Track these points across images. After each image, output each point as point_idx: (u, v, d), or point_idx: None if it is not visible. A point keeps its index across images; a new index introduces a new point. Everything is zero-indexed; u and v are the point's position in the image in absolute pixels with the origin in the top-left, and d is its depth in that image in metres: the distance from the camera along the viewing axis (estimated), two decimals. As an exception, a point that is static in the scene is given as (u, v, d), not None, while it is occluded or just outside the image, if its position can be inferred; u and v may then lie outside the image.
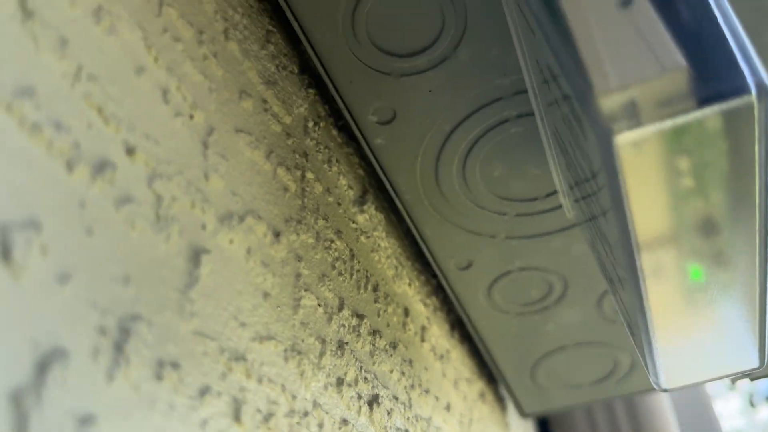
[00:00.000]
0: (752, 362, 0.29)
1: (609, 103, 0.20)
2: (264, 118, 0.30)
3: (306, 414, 0.25)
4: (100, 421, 0.16)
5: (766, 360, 0.29)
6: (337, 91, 0.35)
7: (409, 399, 0.38)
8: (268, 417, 0.23)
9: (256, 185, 0.27)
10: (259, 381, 0.23)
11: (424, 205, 0.42)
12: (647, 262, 0.25)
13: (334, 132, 0.39)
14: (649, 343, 0.28)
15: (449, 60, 0.35)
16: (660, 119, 0.20)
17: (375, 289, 0.38)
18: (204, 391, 0.20)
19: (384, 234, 0.42)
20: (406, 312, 0.42)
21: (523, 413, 0.61)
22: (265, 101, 0.30)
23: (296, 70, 0.35)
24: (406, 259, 0.46)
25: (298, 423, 0.24)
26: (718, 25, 0.21)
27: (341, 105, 0.36)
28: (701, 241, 0.24)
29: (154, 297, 0.19)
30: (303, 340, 0.27)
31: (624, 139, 0.20)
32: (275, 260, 0.27)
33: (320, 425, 0.26)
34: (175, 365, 0.19)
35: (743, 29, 0.20)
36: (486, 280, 0.48)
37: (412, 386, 0.39)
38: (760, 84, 0.19)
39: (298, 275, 0.28)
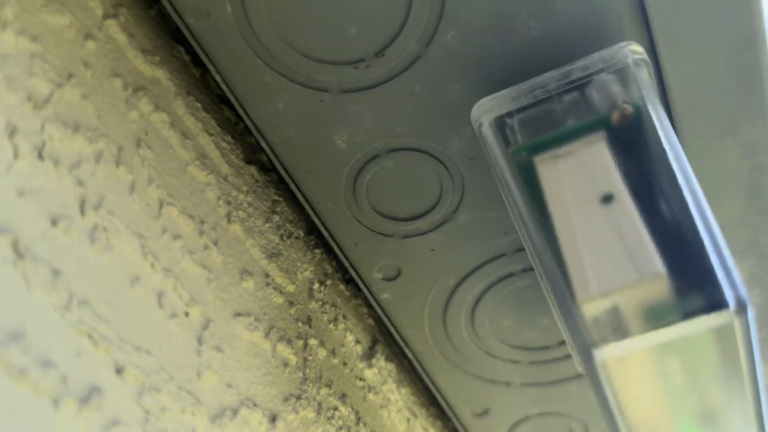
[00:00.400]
0: None
1: (590, 311, 0.21)
2: (265, 293, 0.30)
3: None
4: None
5: None
6: (342, 252, 0.36)
7: None
8: None
9: (253, 368, 0.27)
10: None
11: (434, 354, 0.42)
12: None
13: (342, 287, 0.39)
14: None
15: (449, 222, 0.35)
16: (642, 332, 0.20)
17: (383, 448, 0.37)
18: None
19: (395, 385, 0.42)
20: (419, 466, 0.41)
21: None
22: (267, 275, 0.31)
23: (302, 234, 0.36)
24: (420, 406, 0.45)
25: None
26: (697, 233, 0.21)
27: (347, 264, 0.37)
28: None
29: None
30: None
31: (605, 353, 0.20)
32: (271, 446, 0.26)
33: None
34: None
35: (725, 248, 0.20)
36: (504, 426, 0.46)
37: None
38: (738, 299, 0.19)
39: (297, 457, 0.28)
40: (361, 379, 0.38)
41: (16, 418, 0.16)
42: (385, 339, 0.43)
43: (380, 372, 0.40)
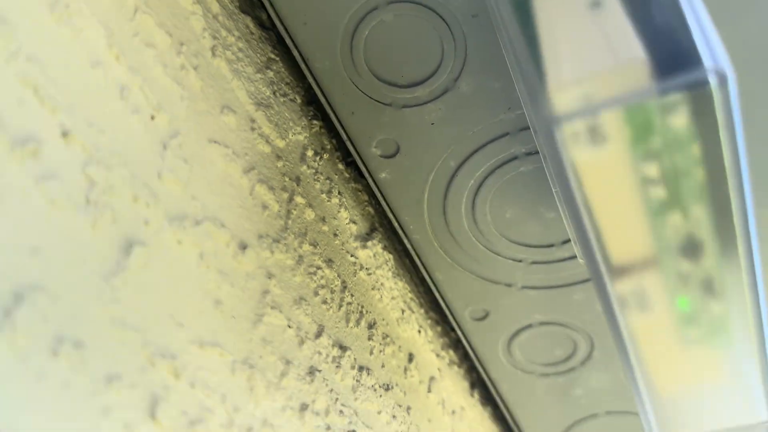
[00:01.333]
0: (760, 413, 0.25)
1: (560, 97, 0.19)
2: (249, 136, 0.30)
3: (250, 429, 0.24)
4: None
5: (777, 415, 0.25)
6: (339, 122, 0.35)
7: (400, 447, 0.35)
8: (195, 421, 0.21)
9: (226, 196, 0.27)
10: (191, 385, 0.22)
11: (433, 246, 0.41)
12: (625, 288, 0.23)
13: (341, 166, 0.38)
14: (636, 386, 0.25)
15: (450, 92, 0.34)
16: (613, 106, 0.18)
17: (370, 326, 0.36)
18: (111, 379, 0.19)
19: (390, 275, 0.41)
20: (411, 358, 0.40)
21: (555, 490, 0.56)
22: (253, 120, 0.30)
23: (299, 101, 0.35)
24: (419, 306, 0.44)
25: (235, 438, 0.23)
26: (684, 20, 0.19)
27: (344, 137, 0.36)
28: (686, 263, 0.22)
29: (66, 275, 0.18)
30: (260, 357, 0.26)
31: (573, 128, 0.18)
32: (237, 272, 0.26)
33: (266, 447, 0.24)
34: (78, 345, 0.18)
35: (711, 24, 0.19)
36: (504, 333, 0.45)
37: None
38: (717, 69, 0.17)
39: (266, 292, 0.27)
40: (352, 256, 0.37)
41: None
42: (384, 230, 0.42)
43: (375, 257, 0.39)
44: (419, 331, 0.43)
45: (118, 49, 0.23)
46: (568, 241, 0.40)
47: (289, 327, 0.28)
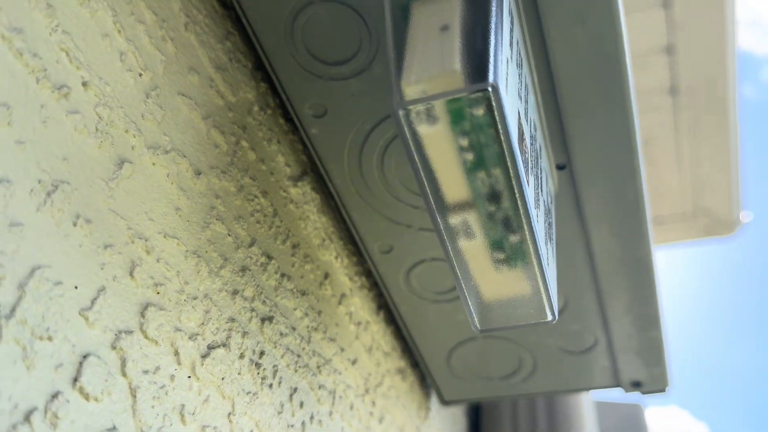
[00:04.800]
0: (546, 316, 0.37)
1: (408, 90, 0.30)
2: (208, 92, 0.40)
3: (194, 298, 0.35)
4: (26, 230, 0.25)
5: (556, 314, 0.37)
6: (281, 86, 0.46)
7: (309, 336, 0.47)
8: (158, 284, 0.32)
9: (187, 135, 0.37)
10: (157, 260, 0.32)
11: (351, 191, 0.52)
12: (455, 221, 0.34)
13: (281, 121, 0.49)
14: (463, 292, 0.37)
15: (366, 72, 0.45)
16: (440, 99, 0.29)
17: (294, 246, 0.47)
18: (107, 246, 0.29)
19: (315, 210, 0.51)
20: (326, 275, 0.52)
21: (443, 401, 0.69)
22: (212, 80, 0.40)
23: (250, 66, 0.45)
24: (339, 238, 0.55)
25: (184, 300, 0.34)
26: (487, 51, 0.30)
27: (284, 98, 0.46)
28: (492, 206, 0.34)
29: (82, 176, 0.29)
30: (206, 252, 0.37)
31: (416, 110, 0.29)
32: (193, 190, 0.36)
33: (207, 311, 0.35)
34: (88, 221, 0.29)
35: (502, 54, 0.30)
36: (404, 265, 0.57)
37: (315, 329, 0.48)
38: (493, 84, 0.28)
39: (213, 207, 0.38)
40: (284, 191, 0.47)
41: (11, 79, 0.26)
42: (314, 175, 0.52)
43: (304, 195, 0.50)
44: (336, 258, 0.54)
45: (120, 25, 0.33)
46: (455, 194, 0.51)
47: (229, 235, 0.39)
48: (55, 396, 0.25)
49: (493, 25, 0.31)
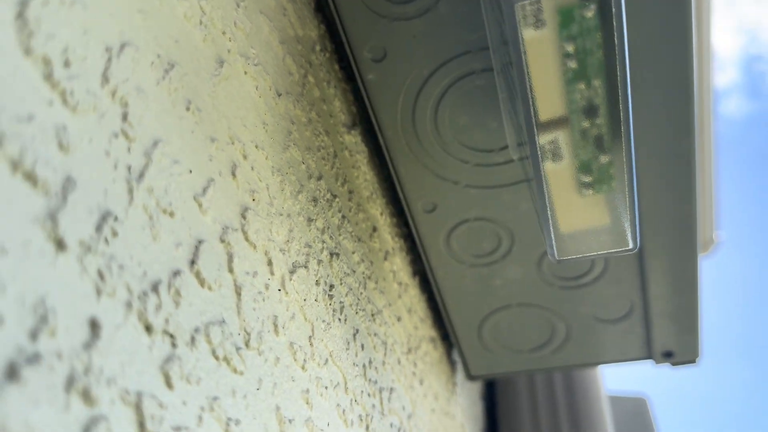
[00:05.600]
0: (628, 244, 0.37)
1: (518, -8, 0.30)
2: (282, 19, 0.39)
3: (280, 214, 0.34)
4: (149, 101, 0.24)
5: (638, 242, 0.37)
6: (342, 25, 0.45)
7: (365, 283, 0.46)
8: (254, 191, 0.31)
9: (269, 55, 0.36)
10: (251, 168, 0.31)
11: (401, 143, 0.51)
12: (545, 140, 0.34)
13: (336, 67, 0.48)
14: (546, 219, 0.36)
15: (431, 11, 0.44)
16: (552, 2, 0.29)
17: (350, 192, 0.47)
18: (213, 140, 0.28)
19: (365, 162, 0.51)
20: (375, 229, 0.51)
21: (469, 375, 0.68)
22: (284, 9, 0.40)
23: (312, 5, 0.45)
24: (382, 195, 0.54)
25: (274, 214, 0.33)
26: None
27: (344, 39, 0.46)
28: (587, 122, 0.33)
29: (191, 64, 0.28)
30: (286, 173, 0.36)
31: (525, 11, 0.29)
32: (275, 109, 0.36)
33: (290, 230, 0.34)
34: (199, 109, 0.28)
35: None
36: (447, 225, 0.56)
37: (369, 277, 0.47)
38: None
39: (290, 132, 0.37)
40: (341, 136, 0.47)
41: (134, -50, 0.25)
42: (364, 125, 0.52)
43: (356, 144, 0.49)
44: (381, 214, 0.53)
45: (215, -72, 0.32)
46: (505, 148, 0.51)
47: (303, 163, 0.38)
48: (176, 273, 0.24)
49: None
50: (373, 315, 0.46)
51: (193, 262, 0.25)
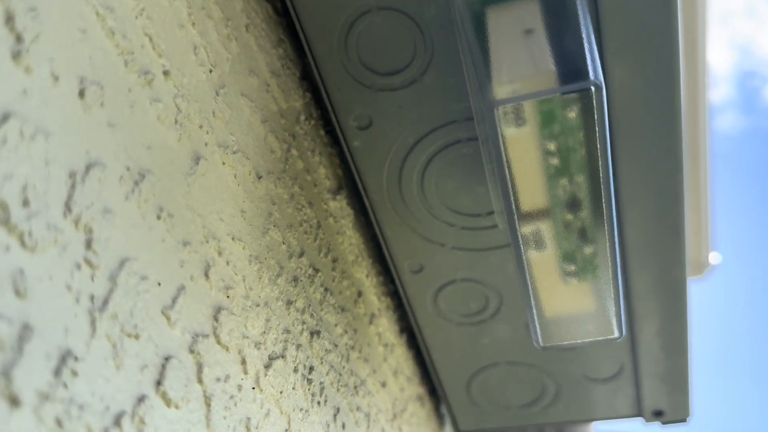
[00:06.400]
0: (613, 332, 0.36)
1: (499, 90, 0.29)
2: (265, 96, 0.39)
3: (257, 305, 0.33)
4: (117, 218, 0.24)
5: (623, 331, 0.37)
6: (327, 94, 0.45)
7: (348, 355, 0.45)
8: (228, 287, 0.30)
9: (249, 137, 0.36)
10: (227, 263, 0.31)
11: (387, 207, 0.51)
12: (527, 230, 0.34)
13: (322, 132, 0.48)
14: (530, 305, 0.36)
15: (417, 83, 0.44)
16: (531, 99, 0.29)
17: (334, 261, 0.46)
18: (186, 243, 0.28)
19: (351, 226, 0.50)
20: (360, 294, 0.50)
21: (458, 430, 0.67)
22: (268, 85, 0.39)
23: (298, 74, 0.44)
24: (368, 256, 0.54)
25: (249, 307, 0.32)
26: (582, 48, 0.30)
27: (329, 107, 0.45)
28: (569, 215, 0.33)
29: (165, 168, 0.27)
30: (265, 258, 0.35)
31: (505, 110, 0.29)
32: (254, 194, 0.35)
33: (267, 320, 0.34)
34: (171, 215, 0.27)
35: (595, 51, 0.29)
36: (434, 285, 0.55)
37: (353, 348, 0.46)
38: (596, 83, 0.28)
39: (270, 214, 0.37)
40: (325, 204, 0.46)
41: (104, 59, 0.25)
42: (349, 190, 0.51)
43: (341, 209, 0.49)
44: (367, 276, 0.52)
45: (193, 17, 0.32)
46: (492, 213, 0.50)
47: (283, 243, 0.38)
48: (141, 399, 0.23)
49: (583, 26, 0.31)
50: (356, 387, 0.45)
51: (159, 383, 0.24)
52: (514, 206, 0.33)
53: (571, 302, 0.36)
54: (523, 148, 0.31)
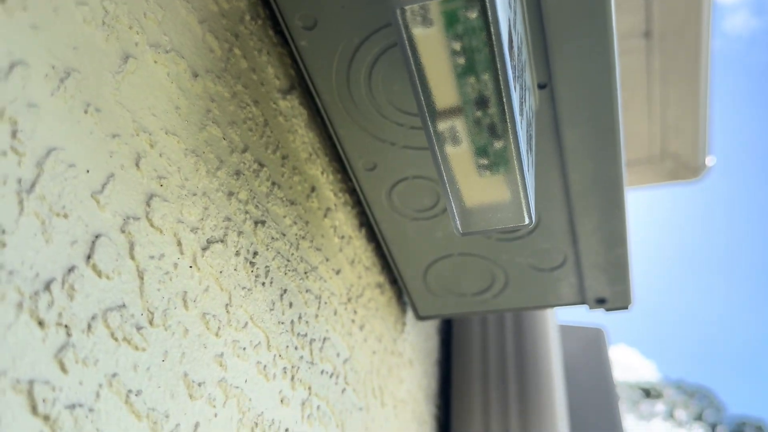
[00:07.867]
0: (524, 219, 0.40)
1: (405, -6, 0.31)
2: (204, -2, 0.40)
3: (194, 194, 0.36)
4: (42, 112, 0.27)
5: (533, 218, 0.40)
6: (272, -4, 0.46)
7: (297, 244, 0.49)
8: (161, 177, 0.34)
9: (185, 37, 0.38)
10: (159, 154, 0.34)
11: (338, 107, 0.53)
12: (442, 127, 0.36)
13: (271, 32, 0.49)
14: (448, 197, 0.39)
15: (358, -17, 0.45)
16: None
17: (284, 157, 0.49)
18: (115, 135, 0.31)
19: (303, 125, 0.53)
20: (313, 189, 0.53)
21: (418, 316, 0.72)
22: (207, -14, 0.41)
23: (242, -25, 0.46)
24: (324, 154, 0.57)
25: (185, 195, 0.35)
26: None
27: (275, 8, 0.47)
28: (479, 112, 0.35)
29: (91, 67, 0.30)
30: (203, 152, 0.38)
31: (413, 12, 0.31)
32: (190, 91, 0.38)
33: (205, 208, 0.37)
34: (98, 110, 0.30)
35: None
36: (387, 182, 0.59)
37: (303, 237, 0.50)
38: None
39: (209, 110, 0.39)
40: (274, 103, 0.49)
41: (24, -35, 0.27)
42: (301, 90, 0.53)
43: (293, 109, 0.51)
44: (322, 173, 0.56)
45: None
46: (439, 112, 0.53)
47: (224, 139, 0.41)
48: (71, 269, 0.27)
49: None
50: (306, 273, 0.49)
51: (89, 257, 0.28)
52: (428, 104, 0.35)
53: (486, 193, 0.39)
54: (432, 47, 0.33)
